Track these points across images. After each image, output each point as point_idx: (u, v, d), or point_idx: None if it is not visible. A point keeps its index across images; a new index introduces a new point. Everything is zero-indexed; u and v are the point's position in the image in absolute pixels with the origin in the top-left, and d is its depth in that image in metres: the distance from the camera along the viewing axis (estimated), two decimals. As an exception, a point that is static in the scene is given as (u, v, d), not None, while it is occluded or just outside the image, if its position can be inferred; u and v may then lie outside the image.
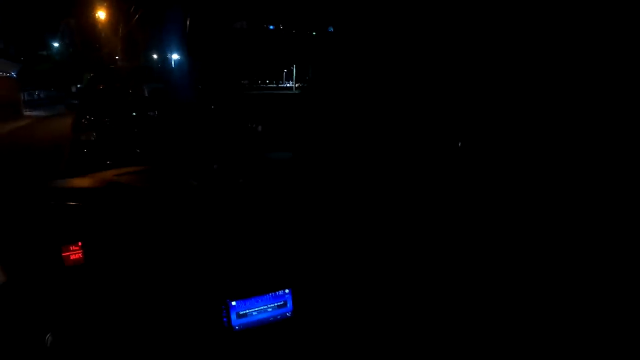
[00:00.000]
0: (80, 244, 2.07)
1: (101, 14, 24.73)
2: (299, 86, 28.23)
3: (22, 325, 1.89)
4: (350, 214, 2.47)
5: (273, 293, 2.08)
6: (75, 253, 2.06)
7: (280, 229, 2.33)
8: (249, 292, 2.05)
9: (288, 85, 33.48)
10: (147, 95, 10.17)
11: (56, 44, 32.83)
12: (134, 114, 8.78)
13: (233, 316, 2.01)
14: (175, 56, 20.42)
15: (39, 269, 2.03)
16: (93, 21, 24.57)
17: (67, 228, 2.13)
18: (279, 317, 2.10)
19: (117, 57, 20.94)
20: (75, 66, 27.33)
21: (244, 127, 9.32)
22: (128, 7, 21.73)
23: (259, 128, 9.22)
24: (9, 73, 24.84)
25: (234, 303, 2.00)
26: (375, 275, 2.37)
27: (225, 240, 2.22)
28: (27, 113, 24.02)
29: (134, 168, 3.09)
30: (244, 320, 2.03)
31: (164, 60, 22.43)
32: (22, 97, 26.36)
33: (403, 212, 2.65)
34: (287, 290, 2.10)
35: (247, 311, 2.03)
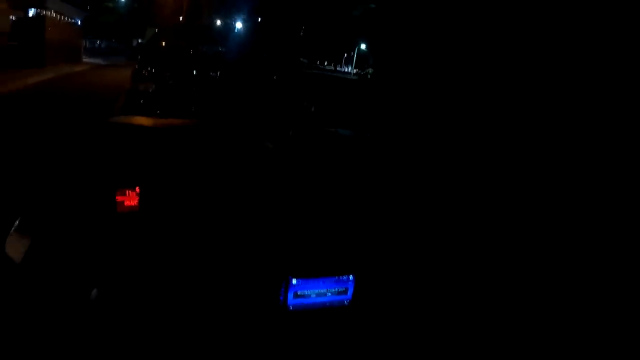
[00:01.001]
0: (137, 189, 1.91)
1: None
2: (357, 72, 27.81)
3: (65, 276, 1.74)
4: (419, 203, 2.36)
5: (336, 277, 1.98)
6: (130, 199, 1.90)
7: (351, 210, 2.19)
8: (312, 272, 1.95)
9: (346, 70, 32.96)
10: (209, 56, 10.19)
11: (121, -2, 33.53)
12: (195, 72, 8.86)
13: (290, 295, 1.92)
14: (239, 24, 20.31)
15: (88, 214, 1.87)
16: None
17: (124, 171, 1.99)
18: (335, 303, 2.01)
19: (180, 17, 21.02)
20: (139, 21, 27.83)
21: (299, 103, 9.23)
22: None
23: (312, 108, 9.12)
24: (74, 19, 25.39)
25: (294, 281, 1.91)
26: (441, 275, 2.27)
27: (295, 212, 2.08)
28: (87, 60, 24.58)
29: (193, 120, 2.98)
30: (300, 301, 1.95)
31: (227, 25, 22.38)
32: (84, 44, 27.00)
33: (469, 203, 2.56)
34: (350, 277, 2.00)
35: (306, 292, 1.95)
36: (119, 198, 1.88)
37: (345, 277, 1.99)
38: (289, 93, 9.69)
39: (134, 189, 1.90)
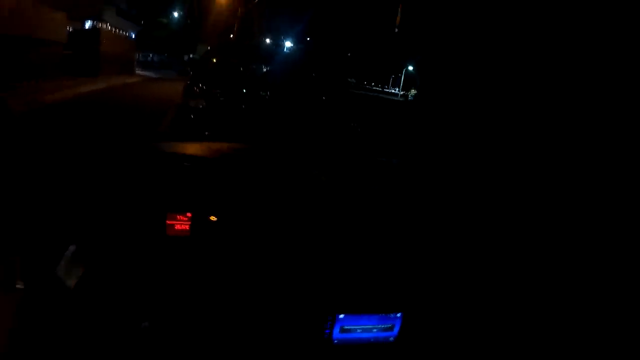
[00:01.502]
0: (189, 215, 1.89)
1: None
2: (403, 94, 27.63)
3: (115, 306, 1.67)
4: (470, 237, 2.24)
5: (384, 314, 1.96)
6: (181, 224, 1.90)
7: (400, 246, 2.12)
8: (359, 308, 1.93)
9: (393, 91, 32.92)
10: (259, 75, 10.25)
11: (175, 14, 34.72)
12: (244, 90, 8.89)
13: (336, 329, 1.90)
14: (288, 43, 20.61)
15: (139, 239, 1.82)
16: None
17: (176, 195, 1.93)
18: (381, 339, 1.99)
19: (231, 35, 21.50)
20: (190, 37, 28.77)
21: (346, 124, 9.13)
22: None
23: (359, 129, 9.02)
24: (128, 33, 26.41)
25: (341, 316, 1.89)
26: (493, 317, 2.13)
27: (345, 246, 2.03)
28: (139, 72, 25.41)
29: (244, 145, 2.89)
30: (345, 336, 1.94)
31: (277, 44, 22.78)
32: (137, 57, 28.03)
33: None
34: (398, 314, 1.96)
35: (352, 327, 1.94)
36: (169, 222, 1.88)
37: (392, 315, 1.98)
38: (337, 113, 9.63)
39: (184, 214, 1.90)
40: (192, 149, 2.55)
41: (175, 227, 1.90)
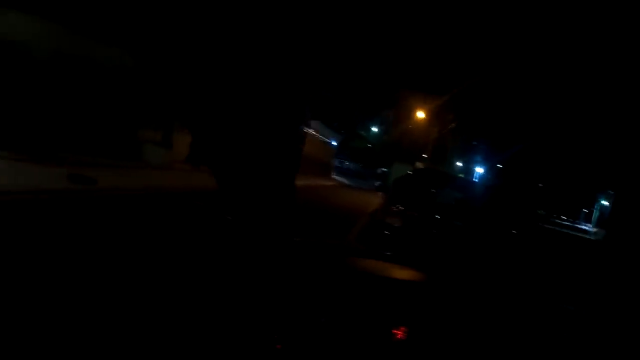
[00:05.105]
0: (404, 329, 2.00)
1: (419, 114, 27.45)
2: (596, 231, 24.67)
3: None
4: None
5: None
6: (401, 334, 2.01)
7: None
8: None
9: (584, 227, 29.76)
10: (453, 203, 10.59)
11: (373, 129, 37.82)
12: (438, 217, 9.24)
13: None
14: (479, 169, 21.04)
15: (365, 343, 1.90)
16: (410, 119, 27.41)
17: (393, 310, 2.09)
18: None
19: (424, 156, 22.73)
20: (386, 152, 30.73)
21: (535, 264, 8.75)
22: (445, 116, 23.63)
23: (546, 269, 8.53)
24: (329, 140, 29.52)
25: None
26: None
27: None
28: (334, 177, 27.84)
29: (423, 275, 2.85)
30: None
31: (468, 169, 23.23)
32: (334, 163, 30.82)
33: None
34: None
35: None
36: (394, 330, 1.98)
37: None
38: (527, 252, 9.37)
39: (406, 327, 1.99)
40: (395, 271, 2.63)
41: (398, 336, 1.99)
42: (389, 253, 7.08)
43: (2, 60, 9.88)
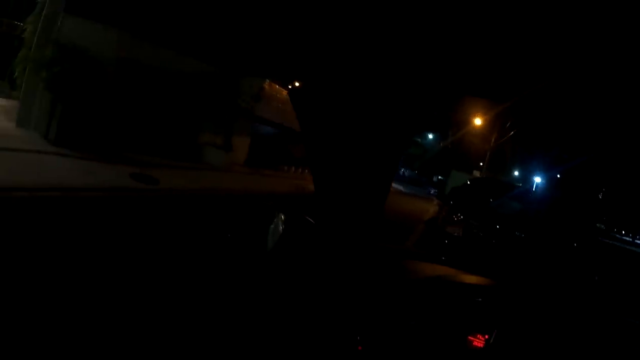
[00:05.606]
0: (486, 337, 1.97)
1: (478, 121, 27.04)
2: None
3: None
4: None
5: None
6: (479, 341, 1.98)
7: None
8: None
9: None
10: (513, 213, 10.58)
11: (430, 135, 37.52)
12: (498, 226, 9.37)
13: None
14: (537, 179, 20.67)
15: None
16: (469, 126, 27.05)
17: (473, 317, 2.08)
18: None
19: (481, 164, 22.48)
20: (442, 160, 30.42)
21: (589, 277, 8.60)
22: (504, 123, 23.26)
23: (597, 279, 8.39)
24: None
25: None
26: None
27: None
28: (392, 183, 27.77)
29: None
30: None
31: (526, 178, 22.78)
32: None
33: None
34: None
35: None
36: (470, 337, 1.96)
37: None
38: (584, 264, 9.25)
39: (483, 335, 1.98)
40: (469, 278, 2.62)
41: (474, 343, 1.95)
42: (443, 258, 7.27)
43: (75, 65, 10.51)
